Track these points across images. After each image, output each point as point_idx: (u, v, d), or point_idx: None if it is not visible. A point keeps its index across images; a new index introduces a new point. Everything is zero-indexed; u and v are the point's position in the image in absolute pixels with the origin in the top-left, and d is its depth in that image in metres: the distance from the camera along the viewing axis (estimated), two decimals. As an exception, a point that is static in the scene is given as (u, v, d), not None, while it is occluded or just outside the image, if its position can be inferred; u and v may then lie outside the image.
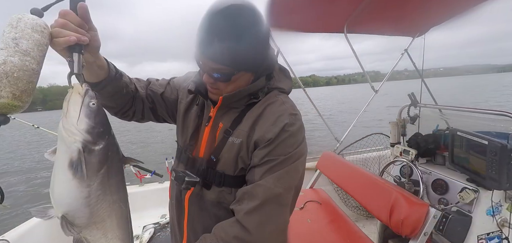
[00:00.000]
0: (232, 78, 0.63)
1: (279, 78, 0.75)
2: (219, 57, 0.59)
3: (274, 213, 0.61)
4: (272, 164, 0.61)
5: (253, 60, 0.64)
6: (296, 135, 0.64)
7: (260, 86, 0.70)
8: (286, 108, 0.67)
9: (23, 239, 1.70)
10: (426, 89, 2.41)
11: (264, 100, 0.69)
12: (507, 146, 1.27)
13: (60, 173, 0.53)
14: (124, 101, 0.77)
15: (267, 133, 0.63)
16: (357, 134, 2.78)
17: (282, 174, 0.61)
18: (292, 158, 0.63)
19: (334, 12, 2.00)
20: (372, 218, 2.55)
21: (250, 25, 0.59)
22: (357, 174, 1.71)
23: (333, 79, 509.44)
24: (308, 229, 1.58)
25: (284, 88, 0.74)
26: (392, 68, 2.72)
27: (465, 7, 1.88)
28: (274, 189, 0.60)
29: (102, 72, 0.67)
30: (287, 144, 0.63)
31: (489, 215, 1.36)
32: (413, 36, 2.46)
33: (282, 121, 0.63)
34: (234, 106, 0.70)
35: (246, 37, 0.58)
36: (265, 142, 0.62)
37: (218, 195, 0.68)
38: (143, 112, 0.84)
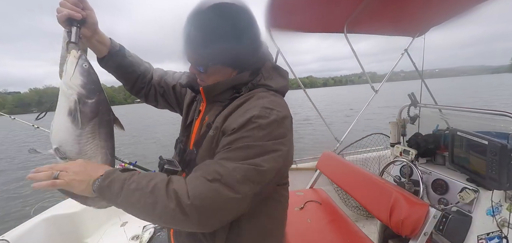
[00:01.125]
0: (209, 70, 0.68)
1: (270, 76, 0.73)
2: (193, 48, 0.65)
3: (221, 194, 0.54)
4: (231, 147, 0.58)
5: (227, 54, 0.65)
6: (265, 128, 0.59)
7: (242, 81, 0.70)
8: (261, 102, 0.63)
9: (23, 239, 1.70)
10: (426, 89, 2.41)
11: (245, 95, 0.68)
12: (507, 146, 1.27)
13: (60, 116, 0.67)
14: (132, 79, 0.90)
15: (233, 122, 0.62)
16: (356, 134, 2.78)
17: (241, 163, 0.56)
18: (255, 149, 0.57)
19: (334, 12, 2.00)
20: (372, 218, 2.55)
21: (226, 21, 0.62)
22: (357, 174, 1.71)
23: (330, 80, 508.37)
24: (308, 229, 1.58)
25: (272, 86, 0.71)
26: (392, 68, 2.72)
27: (465, 7, 1.88)
28: (228, 173, 0.55)
29: (104, 48, 0.79)
30: (252, 136, 0.58)
31: (489, 215, 1.36)
32: (413, 36, 2.46)
33: (250, 113, 0.60)
34: (219, 100, 0.72)
35: (219, 31, 0.62)
36: (229, 131, 0.61)
37: None
38: (156, 98, 0.97)
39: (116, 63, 0.84)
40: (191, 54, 0.67)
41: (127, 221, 2.29)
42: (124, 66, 0.86)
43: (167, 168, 0.70)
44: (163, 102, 0.98)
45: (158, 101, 0.98)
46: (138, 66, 0.90)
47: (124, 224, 2.27)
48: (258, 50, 0.70)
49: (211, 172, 0.56)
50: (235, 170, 0.55)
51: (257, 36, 0.68)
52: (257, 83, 0.70)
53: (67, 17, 0.65)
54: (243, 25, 0.65)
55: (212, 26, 0.62)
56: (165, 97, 0.97)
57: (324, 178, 2.26)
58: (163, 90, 0.95)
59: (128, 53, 0.87)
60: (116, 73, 0.87)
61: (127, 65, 0.87)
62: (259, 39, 0.69)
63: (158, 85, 0.95)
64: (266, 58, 0.74)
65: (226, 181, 0.55)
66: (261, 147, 0.58)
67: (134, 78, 0.91)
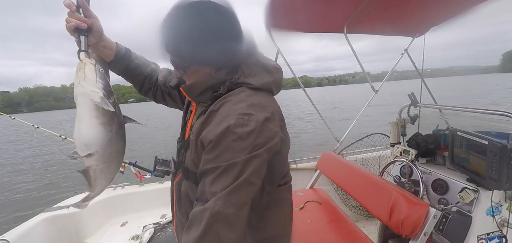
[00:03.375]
0: (187, 71, 0.70)
1: (252, 73, 0.68)
2: (168, 50, 0.67)
3: (222, 234, 0.53)
4: (218, 172, 0.55)
5: (199, 53, 0.64)
6: (246, 138, 0.55)
7: (219, 79, 0.67)
8: (239, 107, 0.59)
9: (23, 239, 1.70)
10: (426, 89, 2.41)
11: (224, 97, 0.65)
12: (507, 146, 1.27)
13: (88, 122, 0.68)
14: (140, 80, 0.94)
15: (209, 133, 0.58)
16: (356, 134, 2.78)
17: (232, 188, 0.54)
18: (240, 167, 0.54)
19: (334, 12, 2.00)
20: (372, 218, 2.55)
21: (194, 19, 0.61)
22: (357, 174, 1.71)
23: (324, 79, 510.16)
24: (308, 229, 1.58)
25: (253, 83, 0.66)
26: (392, 68, 2.72)
27: (465, 7, 1.88)
28: (223, 211, 0.53)
29: (110, 52, 0.82)
30: (234, 149, 0.55)
31: (489, 215, 1.36)
32: (413, 36, 2.46)
33: (227, 121, 0.57)
34: (202, 100, 0.72)
35: (188, 30, 0.62)
36: (207, 143, 0.58)
37: (186, 187, 0.73)
38: (164, 98, 1.01)
39: (123, 67, 0.87)
40: (168, 55, 0.69)
41: (127, 221, 2.29)
42: (131, 68, 0.90)
43: (159, 168, 0.77)
44: (171, 101, 1.01)
45: (166, 100, 1.02)
46: (145, 68, 0.94)
47: (124, 224, 2.27)
48: (235, 47, 0.65)
49: (204, 219, 0.53)
50: (229, 199, 0.54)
51: (233, 32, 0.65)
52: (236, 81, 0.66)
53: (75, 27, 0.68)
54: (214, 22, 0.62)
55: (180, 26, 0.62)
56: (172, 96, 1.00)
57: (324, 178, 2.26)
58: (169, 90, 0.98)
59: (135, 56, 0.90)
60: (124, 76, 0.91)
61: (134, 68, 0.90)
62: (237, 35, 0.66)
63: (164, 86, 0.97)
64: (248, 54, 0.69)
65: (227, 221, 0.54)
66: (246, 161, 0.55)
67: (141, 79, 0.94)
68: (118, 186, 2.48)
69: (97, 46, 0.77)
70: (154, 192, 2.47)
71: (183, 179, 0.74)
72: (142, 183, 2.48)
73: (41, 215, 1.94)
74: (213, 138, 0.57)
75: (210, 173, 0.57)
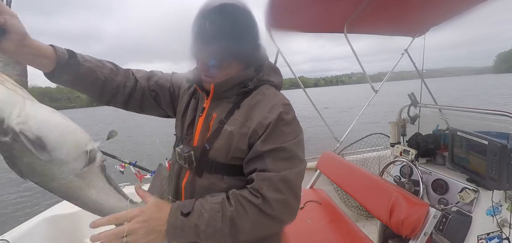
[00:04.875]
0: (223, 64, 0.70)
1: (269, 73, 0.78)
2: (212, 43, 0.65)
3: (291, 203, 0.65)
4: (281, 153, 0.64)
5: (242, 49, 0.68)
6: (291, 124, 0.68)
7: (249, 76, 0.73)
8: (280, 98, 0.71)
9: (23, 239, 1.70)
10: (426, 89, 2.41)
11: (257, 91, 0.73)
12: (507, 146, 1.27)
13: None
14: (97, 86, 0.75)
15: (265, 119, 0.66)
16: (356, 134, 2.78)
17: (291, 162, 0.65)
18: (296, 147, 0.67)
19: (334, 12, 2.00)
20: (372, 218, 2.55)
21: (241, 18, 0.67)
22: (357, 174, 1.71)
23: (321, 80, 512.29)
24: (308, 229, 1.58)
25: (274, 82, 0.78)
26: (392, 68, 2.73)
27: (465, 7, 1.88)
28: (292, 180, 0.64)
29: (46, 61, 0.63)
30: (287, 132, 0.66)
31: (489, 215, 1.36)
32: (413, 36, 2.46)
33: (277, 109, 0.67)
34: (226, 96, 0.74)
35: (237, 28, 0.66)
36: (264, 127, 0.65)
37: (210, 181, 0.71)
38: (142, 103, 0.86)
39: (72, 75, 0.68)
40: (210, 49, 0.67)
41: (127, 221, 2.29)
42: (82, 75, 0.70)
43: (179, 152, 0.72)
44: (151, 106, 0.88)
45: (144, 106, 0.87)
46: (100, 70, 0.74)
47: (124, 224, 2.26)
48: (261, 47, 0.74)
49: (281, 186, 0.63)
50: (296, 179, 0.65)
51: (258, 33, 0.72)
52: (261, 79, 0.75)
53: None
54: (252, 23, 0.70)
55: (233, 22, 0.65)
56: (157, 100, 0.87)
57: (324, 178, 2.26)
58: (156, 93, 0.86)
59: (83, 58, 0.71)
60: (75, 85, 0.72)
61: (86, 73, 0.71)
62: (259, 37, 0.72)
63: (148, 89, 0.85)
64: (266, 56, 0.79)
65: (293, 190, 0.65)
66: (296, 142, 0.67)
67: (99, 85, 0.75)
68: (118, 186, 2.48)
69: (20, 54, 0.58)
70: (154, 192, 2.47)
71: (197, 175, 0.72)
72: (142, 183, 2.48)
73: (41, 215, 1.94)
74: (271, 121, 0.65)
75: (270, 153, 0.64)
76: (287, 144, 0.65)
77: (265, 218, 0.62)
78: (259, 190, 0.62)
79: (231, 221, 0.61)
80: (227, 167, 0.69)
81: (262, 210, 0.62)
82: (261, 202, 0.62)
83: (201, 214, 0.62)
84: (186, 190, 0.75)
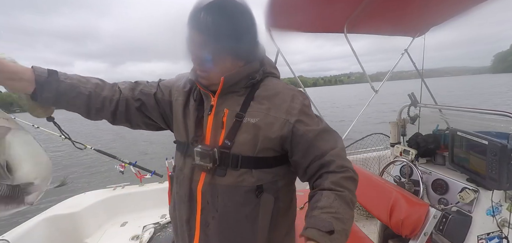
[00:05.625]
0: (217, 58, 0.69)
1: (271, 66, 0.82)
2: (205, 37, 0.65)
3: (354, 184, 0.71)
4: (324, 133, 0.70)
5: (238, 43, 0.68)
6: (310, 106, 0.75)
7: (255, 69, 0.75)
8: (292, 87, 0.77)
9: (23, 239, 1.70)
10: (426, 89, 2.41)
11: (265, 83, 0.76)
12: (507, 146, 1.27)
13: None
14: (81, 102, 0.75)
15: (295, 105, 0.71)
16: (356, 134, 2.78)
17: (331, 135, 0.72)
18: (326, 124, 0.74)
19: (334, 12, 2.00)
20: (372, 218, 2.55)
21: (236, 12, 0.67)
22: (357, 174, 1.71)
23: (320, 80, 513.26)
24: (308, 229, 1.57)
25: (276, 73, 0.82)
26: (392, 68, 2.73)
27: (465, 7, 1.88)
28: (343, 147, 0.73)
29: (25, 83, 0.66)
30: (312, 113, 0.73)
31: (489, 215, 1.36)
32: (413, 36, 2.46)
33: (297, 96, 0.73)
34: (233, 90, 0.74)
35: (231, 22, 0.66)
36: (297, 113, 0.70)
37: (237, 178, 0.68)
38: (129, 115, 0.82)
39: (52, 92, 0.68)
40: (205, 43, 0.66)
41: (127, 221, 2.29)
42: (63, 92, 0.70)
43: (198, 151, 0.70)
44: (138, 117, 0.83)
45: (131, 118, 0.83)
46: (84, 85, 0.74)
47: (124, 224, 2.27)
48: (259, 42, 0.76)
49: (347, 164, 0.70)
50: (341, 142, 0.73)
51: (257, 29, 0.74)
52: (266, 71, 0.78)
53: None
54: (251, 18, 0.71)
55: (227, 16, 0.66)
56: (143, 109, 0.82)
57: (324, 178, 2.25)
58: (141, 102, 0.81)
59: (65, 76, 0.71)
60: (59, 103, 0.72)
61: (67, 90, 0.70)
62: (257, 32, 0.74)
63: (132, 99, 0.80)
64: (264, 50, 0.81)
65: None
66: (323, 121, 0.75)
67: (83, 101, 0.74)
68: (118, 186, 2.48)
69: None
70: (154, 192, 2.47)
71: (217, 175, 0.69)
72: (142, 183, 2.48)
73: (41, 215, 1.94)
74: (301, 106, 0.71)
75: (317, 135, 0.69)
76: (319, 121, 0.73)
77: (355, 181, 0.70)
78: (342, 165, 0.68)
79: (351, 202, 0.66)
80: (255, 160, 0.69)
81: (353, 177, 0.69)
82: (349, 171, 0.68)
83: (336, 219, 0.62)
84: (205, 193, 0.70)
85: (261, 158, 0.69)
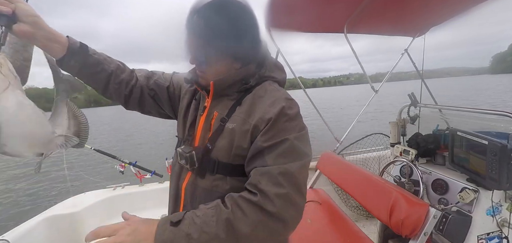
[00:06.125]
0: (213, 59, 0.68)
1: (272, 69, 0.76)
2: (203, 37, 0.65)
3: (295, 199, 0.59)
4: (280, 148, 0.61)
5: (234, 44, 0.66)
6: (295, 119, 0.65)
7: (250, 73, 0.71)
8: (283, 93, 0.68)
9: (23, 239, 1.70)
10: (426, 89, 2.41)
11: (259, 88, 0.71)
12: (507, 146, 1.27)
13: None
14: (102, 79, 0.80)
15: (266, 114, 0.63)
16: (355, 134, 2.78)
17: (293, 156, 0.61)
18: (299, 141, 0.63)
19: (334, 12, 2.00)
20: (372, 218, 2.55)
21: (234, 13, 0.65)
22: (357, 174, 1.71)
23: (319, 80, 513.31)
24: (308, 229, 1.58)
25: (277, 77, 0.76)
26: (392, 68, 2.73)
27: (465, 7, 1.89)
28: (297, 174, 0.60)
29: (58, 46, 0.68)
30: (290, 127, 0.63)
31: (489, 215, 1.36)
32: (413, 36, 2.46)
33: (279, 103, 0.64)
34: (227, 93, 0.73)
35: (228, 22, 0.63)
36: (265, 122, 0.62)
37: (212, 182, 0.68)
38: (142, 102, 0.88)
39: (80, 63, 0.74)
40: (199, 43, 0.66)
41: (127, 221, 2.29)
42: (89, 65, 0.76)
43: (180, 152, 0.71)
44: (151, 106, 0.89)
45: (144, 105, 0.88)
46: (108, 64, 0.80)
47: (124, 224, 2.26)
48: (260, 44, 0.72)
49: (284, 182, 0.59)
50: (299, 173, 0.61)
51: (258, 30, 0.71)
52: (263, 75, 0.73)
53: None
54: (250, 20, 0.69)
55: (225, 16, 0.64)
56: (156, 99, 0.88)
57: (324, 178, 2.26)
58: (154, 93, 0.87)
59: (93, 51, 0.77)
60: (82, 75, 0.78)
61: (92, 64, 0.76)
62: (259, 34, 0.71)
63: (147, 87, 0.86)
64: (267, 53, 0.77)
65: (297, 187, 0.60)
66: (300, 136, 0.64)
67: (104, 78, 0.80)
68: (118, 186, 2.48)
69: (36, 37, 0.63)
70: (154, 192, 2.47)
71: (198, 176, 0.70)
72: (142, 183, 2.48)
73: (41, 215, 1.94)
74: (272, 117, 0.62)
75: (271, 149, 0.61)
76: (289, 137, 0.61)
77: (266, 218, 0.56)
78: (257, 185, 0.58)
79: (227, 224, 0.55)
80: (230, 167, 0.67)
81: (262, 208, 0.56)
82: (260, 198, 0.56)
83: (192, 221, 0.56)
84: (187, 192, 0.72)
85: (236, 166, 0.66)
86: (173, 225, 0.56)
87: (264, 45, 0.74)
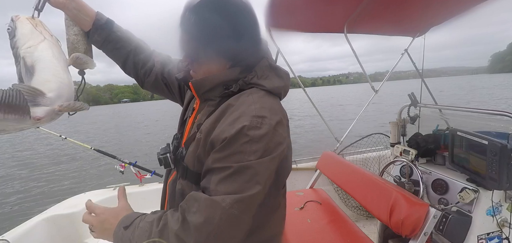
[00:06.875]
0: (200, 60, 0.66)
1: (264, 75, 0.66)
2: (189, 34, 0.63)
3: (224, 231, 0.53)
4: (227, 172, 0.54)
5: (223, 43, 0.61)
6: (258, 142, 0.54)
7: (232, 77, 0.65)
8: (253, 109, 0.57)
9: (23, 239, 1.70)
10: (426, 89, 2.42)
11: (238, 96, 0.63)
12: (507, 146, 1.27)
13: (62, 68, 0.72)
14: (122, 55, 0.87)
15: (223, 132, 0.56)
16: (355, 134, 2.78)
17: (239, 190, 0.53)
18: (251, 170, 0.54)
19: (334, 12, 2.00)
20: (372, 218, 2.55)
21: (225, 10, 0.60)
22: (357, 174, 1.71)
23: (318, 80, 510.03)
24: (308, 229, 1.58)
25: (266, 86, 0.65)
26: (392, 68, 2.73)
27: (465, 7, 1.88)
28: (228, 210, 0.52)
29: (87, 19, 0.77)
30: (246, 151, 0.54)
31: (489, 215, 1.36)
32: (413, 36, 2.46)
33: (241, 122, 0.55)
34: (210, 97, 0.68)
35: (218, 20, 0.59)
36: (219, 142, 0.55)
37: (182, 186, 0.67)
38: (156, 86, 0.92)
39: (102, 38, 0.81)
40: (188, 40, 0.64)
41: (127, 221, 2.29)
42: (110, 40, 0.82)
43: (161, 154, 0.73)
44: (164, 91, 0.94)
45: (157, 89, 0.93)
46: (129, 42, 0.86)
47: (124, 224, 2.26)
48: (254, 46, 0.66)
49: (211, 213, 0.53)
50: (232, 207, 0.53)
51: (255, 32, 0.65)
52: (249, 81, 0.65)
53: None
54: (241, 19, 0.63)
55: (211, 13, 0.60)
56: (169, 87, 0.92)
57: (324, 178, 2.26)
58: (167, 81, 0.91)
59: (118, 28, 0.83)
60: (104, 49, 0.84)
61: (114, 40, 0.83)
62: (257, 36, 0.66)
63: (161, 74, 0.90)
64: (262, 56, 0.68)
65: (230, 221, 0.53)
66: (256, 166, 0.54)
67: (123, 55, 0.87)
68: (118, 186, 2.48)
69: (68, 7, 0.73)
70: (154, 192, 2.47)
71: (178, 177, 0.69)
72: (142, 183, 2.48)
73: (41, 215, 1.94)
74: (227, 137, 0.54)
75: (218, 172, 0.55)
76: (241, 164, 0.53)
77: (171, 236, 0.53)
78: (184, 212, 0.55)
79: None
80: (197, 175, 0.63)
81: (179, 237, 0.53)
82: (180, 227, 0.53)
83: (134, 230, 0.57)
84: (169, 189, 0.74)
85: (199, 175, 0.62)
86: (124, 228, 0.60)
87: (262, 48, 0.68)
